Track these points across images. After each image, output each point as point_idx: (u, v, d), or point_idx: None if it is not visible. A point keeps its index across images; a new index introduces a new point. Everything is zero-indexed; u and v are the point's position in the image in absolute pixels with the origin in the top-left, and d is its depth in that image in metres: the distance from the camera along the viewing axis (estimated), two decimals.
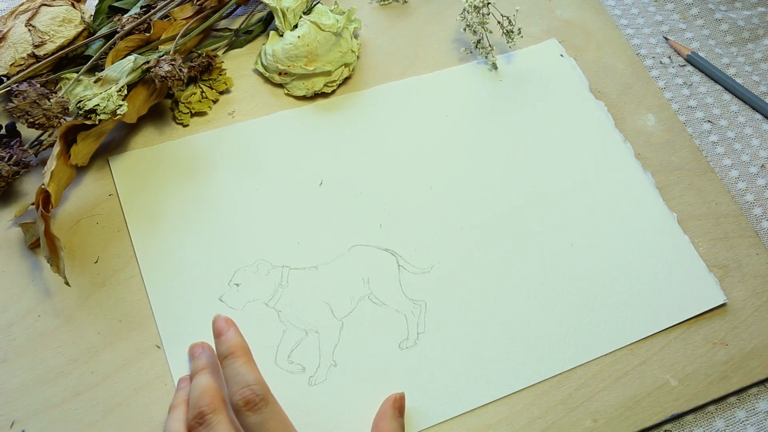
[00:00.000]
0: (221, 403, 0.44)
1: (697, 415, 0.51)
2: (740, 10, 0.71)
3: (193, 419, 0.43)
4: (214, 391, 0.45)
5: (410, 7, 0.69)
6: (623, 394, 0.51)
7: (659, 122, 0.63)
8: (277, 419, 0.43)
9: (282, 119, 0.61)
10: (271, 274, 0.53)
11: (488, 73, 0.65)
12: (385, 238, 0.55)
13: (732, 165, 0.62)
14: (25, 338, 0.50)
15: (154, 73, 0.55)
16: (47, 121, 0.52)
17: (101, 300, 0.52)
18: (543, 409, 0.50)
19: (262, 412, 0.43)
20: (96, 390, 0.49)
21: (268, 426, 0.43)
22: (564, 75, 0.65)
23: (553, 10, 0.70)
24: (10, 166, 0.53)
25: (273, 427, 0.43)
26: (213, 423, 0.43)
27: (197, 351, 0.49)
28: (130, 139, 0.59)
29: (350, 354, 0.51)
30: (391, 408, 0.47)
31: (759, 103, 0.65)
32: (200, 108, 0.60)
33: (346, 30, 0.62)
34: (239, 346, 0.46)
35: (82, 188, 0.56)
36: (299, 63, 0.60)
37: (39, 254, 0.53)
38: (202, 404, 0.43)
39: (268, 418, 0.43)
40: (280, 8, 0.60)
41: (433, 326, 0.52)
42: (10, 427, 0.47)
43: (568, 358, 0.52)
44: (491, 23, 0.66)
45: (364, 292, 0.53)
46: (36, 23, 0.58)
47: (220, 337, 0.47)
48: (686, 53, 0.67)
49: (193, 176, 0.57)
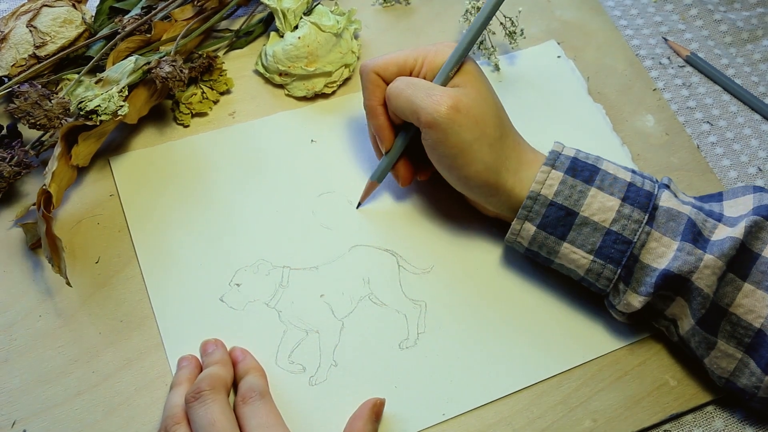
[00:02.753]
0: (222, 387, 0.45)
1: (696, 415, 0.51)
2: (739, 11, 0.72)
3: (191, 394, 0.45)
4: (219, 378, 0.46)
5: (411, 8, 0.69)
6: (623, 394, 0.51)
7: (658, 123, 0.64)
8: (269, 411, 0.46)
9: (282, 120, 0.61)
10: (271, 275, 0.53)
11: (489, 74, 0.65)
12: (385, 238, 0.56)
13: (731, 165, 0.62)
14: (27, 338, 0.50)
15: (155, 74, 0.55)
16: (48, 122, 0.52)
17: (102, 300, 0.52)
18: (543, 409, 0.50)
19: (254, 403, 0.46)
20: (97, 390, 0.49)
21: (259, 413, 0.45)
22: (563, 77, 0.65)
23: (552, 11, 0.70)
24: (11, 166, 0.53)
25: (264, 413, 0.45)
26: (208, 401, 0.44)
27: (210, 347, 0.50)
28: (131, 140, 0.59)
29: (351, 354, 0.51)
30: (369, 411, 0.47)
31: (758, 104, 0.65)
32: (201, 109, 0.60)
33: (346, 31, 0.62)
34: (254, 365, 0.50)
35: (83, 189, 0.56)
36: (299, 64, 0.60)
37: (40, 254, 0.53)
38: (203, 384, 0.45)
39: (259, 407, 0.46)
40: (280, 9, 0.60)
41: (433, 326, 0.52)
42: (12, 426, 0.47)
43: (568, 358, 0.52)
44: (493, 24, 0.66)
45: (365, 292, 0.53)
46: (37, 24, 0.59)
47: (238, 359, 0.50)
48: (685, 54, 0.67)
49: (194, 177, 0.57)
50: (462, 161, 0.49)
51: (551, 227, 0.49)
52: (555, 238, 0.49)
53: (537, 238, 0.50)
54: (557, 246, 0.49)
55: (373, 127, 0.54)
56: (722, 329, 0.47)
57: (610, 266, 0.48)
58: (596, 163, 0.50)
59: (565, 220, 0.48)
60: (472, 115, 0.48)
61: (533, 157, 0.51)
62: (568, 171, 0.49)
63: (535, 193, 0.49)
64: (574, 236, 0.49)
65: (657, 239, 0.47)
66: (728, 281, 0.47)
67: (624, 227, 0.48)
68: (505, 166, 0.50)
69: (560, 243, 0.49)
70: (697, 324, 0.47)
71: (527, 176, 0.50)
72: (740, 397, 0.49)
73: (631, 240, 0.47)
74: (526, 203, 0.49)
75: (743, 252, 0.47)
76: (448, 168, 0.50)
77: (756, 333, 0.46)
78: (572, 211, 0.48)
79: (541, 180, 0.49)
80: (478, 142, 0.48)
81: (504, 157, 0.50)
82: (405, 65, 0.52)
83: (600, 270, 0.49)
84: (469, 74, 0.51)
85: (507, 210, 0.51)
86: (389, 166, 0.55)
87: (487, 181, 0.49)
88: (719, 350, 0.48)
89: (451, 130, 0.48)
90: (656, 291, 0.47)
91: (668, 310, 0.49)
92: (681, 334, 0.49)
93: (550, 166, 0.49)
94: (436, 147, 0.49)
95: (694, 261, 0.46)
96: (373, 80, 0.52)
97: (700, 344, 0.48)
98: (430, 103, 0.48)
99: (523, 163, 0.50)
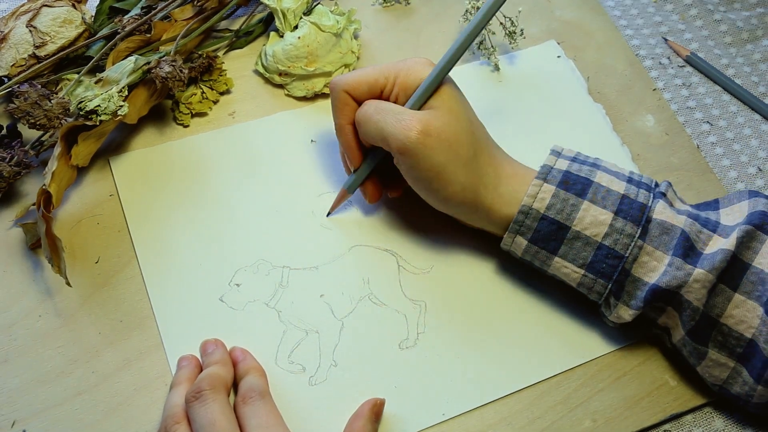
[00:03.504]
0: (222, 387, 0.45)
1: (696, 415, 0.51)
2: (739, 11, 0.72)
3: (191, 393, 0.45)
4: (220, 378, 0.46)
5: (411, 8, 0.69)
6: (622, 394, 0.51)
7: (658, 123, 0.63)
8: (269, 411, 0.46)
9: (282, 120, 0.61)
10: (271, 275, 0.53)
11: (489, 74, 0.65)
12: (385, 238, 0.56)
13: (731, 165, 0.62)
14: (27, 338, 0.50)
15: (155, 74, 0.55)
16: (48, 122, 0.52)
17: (102, 300, 0.52)
18: (542, 409, 0.50)
19: (254, 403, 0.45)
20: (97, 390, 0.49)
21: (259, 413, 0.45)
22: (563, 77, 0.65)
23: (552, 11, 0.70)
24: (11, 166, 0.53)
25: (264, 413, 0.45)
26: (208, 400, 0.44)
27: (210, 347, 0.50)
28: (130, 140, 0.59)
29: (350, 354, 0.51)
30: (369, 411, 0.47)
31: (758, 104, 0.65)
32: (201, 109, 0.60)
33: (346, 31, 0.62)
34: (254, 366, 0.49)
35: (83, 189, 0.56)
36: (299, 64, 0.60)
37: (40, 254, 0.53)
38: (203, 384, 0.45)
39: (259, 407, 0.45)
40: (280, 9, 0.60)
41: (433, 326, 0.52)
42: (11, 426, 0.47)
43: (568, 358, 0.52)
44: (493, 24, 0.66)
45: (364, 292, 0.53)
46: (37, 24, 0.59)
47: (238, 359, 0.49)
48: (685, 54, 0.67)
49: (194, 177, 0.57)
50: (438, 184, 0.48)
51: (543, 242, 0.49)
52: (546, 253, 0.49)
53: (529, 251, 0.50)
54: (549, 260, 0.49)
55: (342, 145, 0.53)
56: (713, 339, 0.47)
57: (601, 281, 0.48)
58: (589, 175, 0.49)
59: (556, 234, 0.48)
60: (443, 139, 0.48)
61: (512, 171, 0.50)
62: (560, 184, 0.48)
63: (527, 207, 0.48)
64: (566, 250, 0.48)
65: (649, 253, 0.47)
66: (718, 292, 0.46)
67: (616, 242, 0.47)
68: (483, 183, 0.49)
69: (552, 257, 0.49)
70: (687, 335, 0.47)
71: (506, 191, 0.49)
72: (735, 403, 0.49)
73: (623, 255, 0.47)
74: (517, 218, 0.49)
75: (734, 263, 0.46)
76: (426, 190, 0.50)
77: (747, 343, 0.46)
78: (564, 225, 0.48)
79: (533, 194, 0.48)
80: (452, 164, 0.48)
81: (480, 174, 0.49)
82: (376, 84, 0.51)
83: (591, 284, 0.49)
84: (443, 94, 0.50)
85: (489, 225, 0.51)
86: (357, 183, 0.54)
87: (464, 200, 0.49)
88: (710, 359, 0.47)
89: (423, 154, 0.47)
90: (645, 305, 0.47)
91: (660, 319, 0.49)
92: (673, 342, 0.49)
93: (542, 179, 0.49)
94: (410, 171, 0.49)
95: (683, 276, 0.46)
96: (342, 99, 0.51)
97: (691, 354, 0.48)
98: (400, 128, 0.47)
99: (502, 178, 0.50)
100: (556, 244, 0.48)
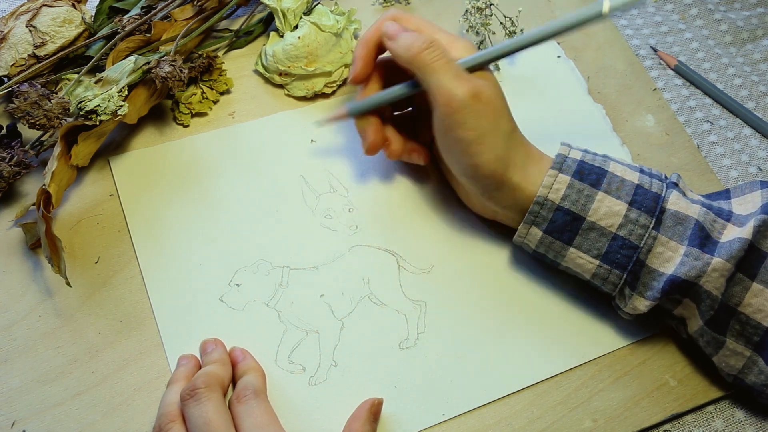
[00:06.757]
0: (217, 386, 0.45)
1: (696, 416, 0.51)
2: (739, 11, 0.71)
3: (186, 391, 0.44)
4: (216, 376, 0.46)
5: (411, 8, 0.69)
6: (623, 394, 0.51)
7: (658, 123, 0.63)
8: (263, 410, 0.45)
9: (282, 120, 0.61)
10: (271, 275, 0.53)
11: None
12: (385, 238, 0.56)
13: (731, 165, 0.62)
14: (26, 338, 0.50)
15: (155, 73, 0.55)
16: (48, 122, 0.52)
17: (102, 300, 0.52)
18: (542, 409, 0.50)
19: (248, 402, 0.45)
20: (97, 390, 0.49)
21: (253, 412, 0.45)
22: (563, 77, 0.65)
23: (552, 11, 0.70)
24: (11, 166, 0.53)
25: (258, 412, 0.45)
26: (203, 399, 0.44)
27: (209, 347, 0.50)
28: (130, 140, 0.59)
29: (350, 354, 0.51)
30: (367, 412, 0.47)
31: (744, 113, 0.64)
32: (201, 108, 0.60)
33: (346, 31, 0.62)
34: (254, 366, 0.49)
35: (83, 189, 0.56)
36: (299, 64, 0.60)
37: (40, 254, 0.53)
38: (199, 382, 0.45)
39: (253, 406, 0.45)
40: (280, 9, 0.60)
41: (433, 326, 0.52)
42: (11, 426, 0.47)
43: (568, 358, 0.52)
44: (494, 24, 0.66)
45: (364, 292, 0.53)
46: (37, 24, 0.59)
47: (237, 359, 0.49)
48: (673, 64, 0.67)
49: (194, 177, 0.57)
50: (476, 149, 0.48)
51: (558, 232, 0.49)
52: (561, 243, 0.49)
53: (544, 242, 0.50)
54: (563, 251, 0.49)
55: (356, 55, 0.53)
56: (731, 328, 0.47)
57: (616, 271, 0.48)
58: (603, 165, 0.49)
59: (571, 225, 0.48)
60: (492, 107, 0.49)
61: (538, 154, 0.51)
62: (575, 174, 0.49)
63: (542, 198, 0.49)
64: (581, 241, 0.49)
65: (664, 243, 0.47)
66: (737, 281, 0.47)
67: (631, 232, 0.47)
68: (514, 160, 0.49)
69: (566, 248, 0.49)
70: (705, 324, 0.47)
71: (533, 172, 0.50)
72: (749, 394, 0.49)
73: (638, 245, 0.47)
74: (533, 208, 0.49)
75: (752, 252, 0.47)
76: (460, 153, 0.50)
77: (765, 332, 0.47)
78: (579, 216, 0.48)
79: (548, 184, 0.49)
80: (494, 133, 0.48)
81: (514, 151, 0.50)
82: None
83: (606, 275, 0.49)
84: (488, 72, 0.51)
85: (510, 207, 0.51)
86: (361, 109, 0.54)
87: (495, 172, 0.49)
88: (728, 349, 0.48)
89: (471, 116, 0.48)
90: (663, 296, 0.47)
91: (676, 310, 0.49)
92: (690, 332, 0.49)
93: (557, 170, 0.49)
94: (453, 130, 0.49)
95: (701, 266, 0.46)
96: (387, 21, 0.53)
97: (708, 343, 0.48)
98: (456, 84, 0.48)
99: (530, 158, 0.50)
100: (571, 234, 0.49)
